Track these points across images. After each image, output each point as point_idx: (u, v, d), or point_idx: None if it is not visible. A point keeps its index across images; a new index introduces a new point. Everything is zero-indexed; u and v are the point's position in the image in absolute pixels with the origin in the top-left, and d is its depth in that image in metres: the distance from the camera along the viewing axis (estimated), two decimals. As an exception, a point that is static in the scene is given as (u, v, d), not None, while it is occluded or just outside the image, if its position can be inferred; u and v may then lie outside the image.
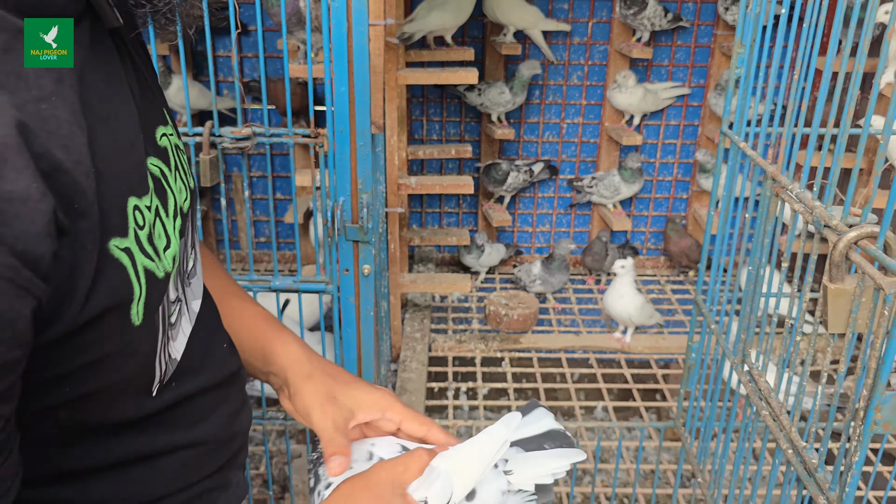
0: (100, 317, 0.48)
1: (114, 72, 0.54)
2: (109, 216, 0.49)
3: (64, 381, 0.50)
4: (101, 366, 0.51)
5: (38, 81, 0.45)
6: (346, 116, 1.26)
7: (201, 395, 0.65)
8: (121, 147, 0.52)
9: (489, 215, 2.74)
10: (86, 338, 0.48)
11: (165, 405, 0.61)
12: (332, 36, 1.21)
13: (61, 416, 0.53)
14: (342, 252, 1.36)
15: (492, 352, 2.33)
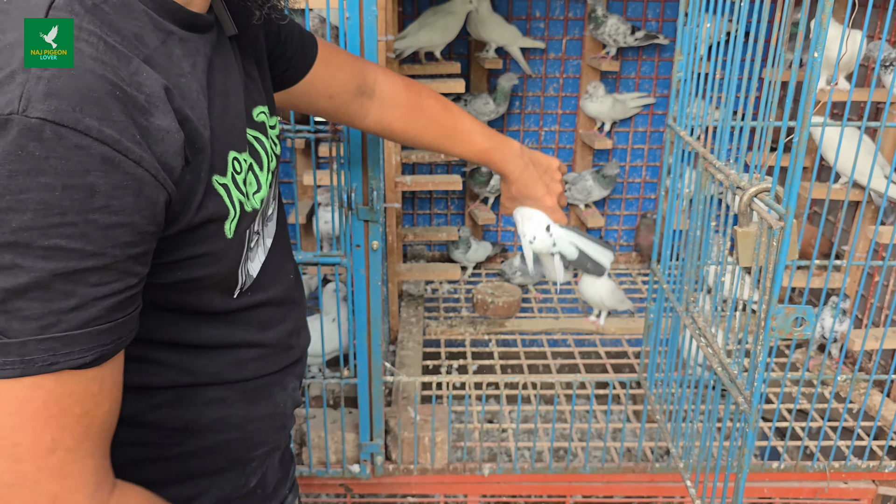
0: (204, 224, 0.69)
1: (230, 65, 0.78)
2: (215, 160, 0.70)
3: (177, 265, 0.69)
4: (203, 260, 0.70)
5: (179, 64, 0.67)
6: (358, 115, 1.52)
7: (269, 306, 0.86)
8: (229, 116, 0.74)
9: (475, 215, 3.01)
10: (194, 237, 0.68)
11: (243, 307, 0.81)
12: (347, 48, 1.47)
13: (172, 295, 0.72)
14: (354, 230, 1.62)
15: (480, 335, 2.59)
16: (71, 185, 0.54)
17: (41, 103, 0.53)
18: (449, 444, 1.88)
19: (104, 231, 0.56)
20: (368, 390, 1.76)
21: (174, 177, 0.62)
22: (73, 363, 0.57)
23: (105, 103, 0.56)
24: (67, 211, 0.54)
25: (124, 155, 0.57)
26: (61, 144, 0.54)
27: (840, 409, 2.07)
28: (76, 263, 0.56)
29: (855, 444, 1.93)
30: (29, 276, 0.54)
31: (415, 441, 1.84)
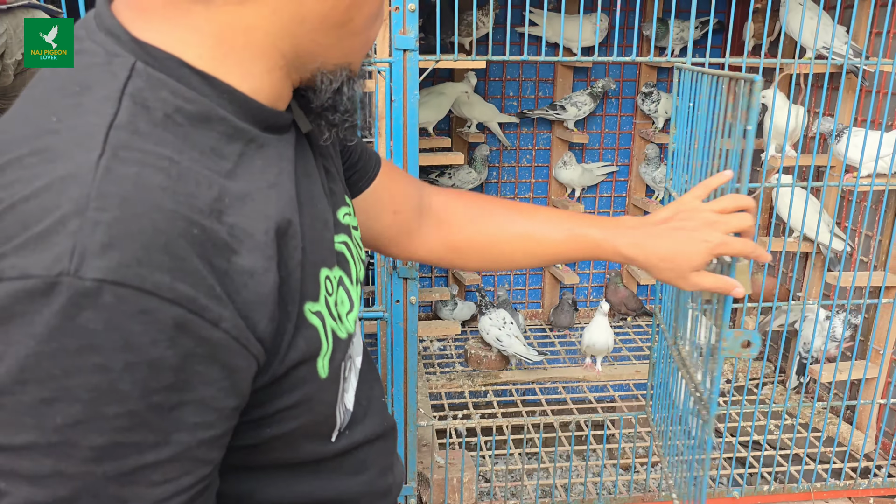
0: (295, 368, 0.55)
1: (310, 164, 0.64)
2: (307, 283, 0.56)
3: (265, 422, 0.55)
4: (296, 410, 0.57)
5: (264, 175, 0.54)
6: (401, 184, 1.73)
7: (367, 444, 0.70)
8: (318, 227, 0.60)
9: (461, 276, 3.21)
10: (283, 386, 0.55)
11: (339, 451, 0.66)
12: (392, 126, 1.69)
13: (257, 456, 0.58)
14: (395, 287, 1.79)
15: (477, 386, 2.76)
16: (132, 364, 0.43)
17: (98, 259, 0.42)
18: (476, 485, 2.02)
19: (169, 414, 0.45)
20: (405, 435, 1.90)
21: (261, 331, 0.50)
22: None
23: (177, 250, 0.45)
24: (127, 397, 0.43)
25: (199, 315, 0.45)
26: (123, 311, 0.42)
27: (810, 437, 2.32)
28: (134, 461, 0.44)
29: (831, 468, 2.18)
30: (72, 487, 0.43)
31: (445, 482, 1.98)
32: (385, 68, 1.67)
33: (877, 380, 2.26)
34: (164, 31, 0.53)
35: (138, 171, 0.46)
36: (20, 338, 0.42)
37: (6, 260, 0.43)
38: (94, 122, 0.47)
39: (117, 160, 0.46)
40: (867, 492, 2.15)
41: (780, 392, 2.63)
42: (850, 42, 2.17)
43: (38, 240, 0.43)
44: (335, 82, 0.60)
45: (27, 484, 0.43)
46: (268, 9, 0.53)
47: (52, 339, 0.42)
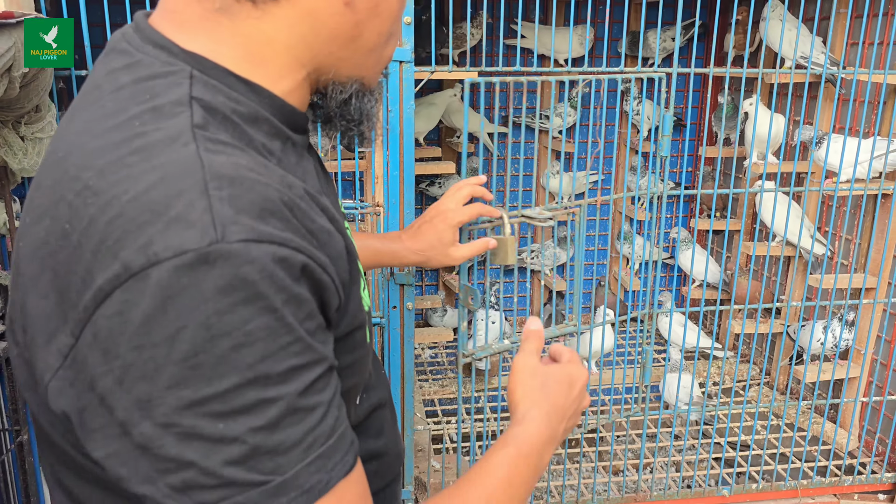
0: (354, 331, 0.65)
1: (318, 162, 0.74)
2: (356, 265, 0.65)
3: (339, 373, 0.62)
4: (351, 370, 0.66)
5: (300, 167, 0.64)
6: (398, 192, 1.77)
7: (380, 409, 0.81)
8: (340, 214, 0.69)
9: (450, 284, 3.25)
10: (346, 345, 0.64)
11: (363, 414, 0.77)
12: (388, 136, 1.73)
13: None
14: (392, 293, 1.83)
15: (469, 392, 2.79)
16: (286, 300, 0.51)
17: (235, 225, 0.50)
18: (472, 487, 2.05)
19: (314, 337, 0.55)
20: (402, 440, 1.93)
21: (343, 281, 0.60)
22: (341, 473, 0.55)
23: (283, 212, 0.53)
24: (291, 328, 0.52)
25: (314, 260, 0.54)
26: (269, 261, 0.50)
27: (796, 436, 2.38)
28: (308, 375, 0.53)
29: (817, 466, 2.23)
30: (278, 407, 0.51)
31: (442, 487, 2.01)
32: (381, 79, 1.71)
33: (858, 379, 2.32)
34: (203, 42, 0.59)
35: (228, 158, 0.54)
36: (196, 303, 0.49)
37: (154, 245, 0.49)
38: (177, 123, 0.54)
39: (209, 151, 0.53)
40: (852, 488, 2.21)
41: (765, 393, 2.69)
42: (827, 53, 2.25)
43: (177, 221, 0.49)
44: (345, 93, 0.67)
45: (248, 416, 0.51)
46: (285, 23, 0.60)
47: (225, 295, 0.49)
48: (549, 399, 0.79)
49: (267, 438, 0.51)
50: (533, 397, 0.78)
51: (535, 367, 0.81)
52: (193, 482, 0.50)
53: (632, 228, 3.36)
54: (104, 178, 0.52)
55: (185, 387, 0.49)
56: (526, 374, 0.80)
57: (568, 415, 0.80)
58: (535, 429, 0.76)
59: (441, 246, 1.30)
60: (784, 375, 2.66)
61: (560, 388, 0.80)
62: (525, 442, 0.74)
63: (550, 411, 0.78)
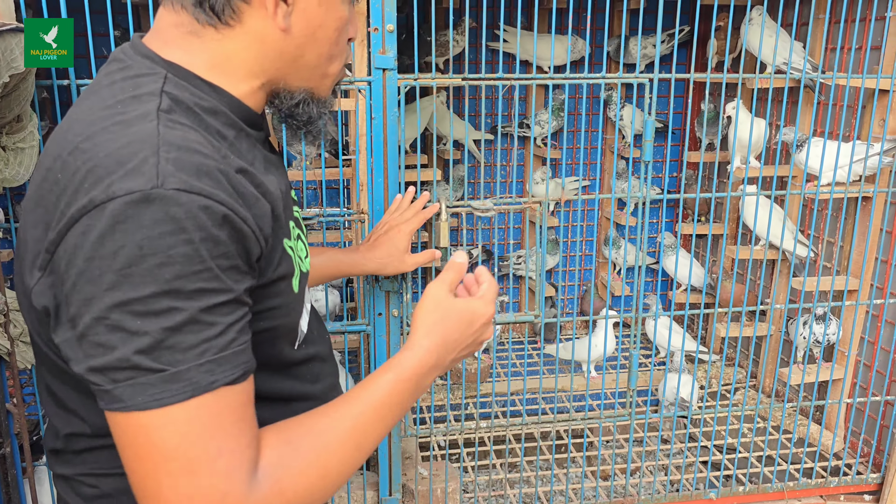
0: (280, 279, 0.81)
1: (274, 155, 0.93)
2: (283, 227, 0.84)
3: (260, 316, 0.79)
4: (279, 311, 0.83)
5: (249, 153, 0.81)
6: (382, 198, 1.77)
7: (318, 360, 0.97)
8: (285, 195, 0.88)
9: (438, 291, 3.25)
10: (273, 290, 0.80)
11: (301, 359, 0.92)
12: (372, 143, 1.73)
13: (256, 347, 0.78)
14: (377, 300, 1.83)
15: (458, 399, 2.79)
16: (204, 238, 0.67)
17: (173, 177, 0.67)
18: (460, 494, 2.05)
19: (226, 272, 0.70)
20: (388, 448, 1.93)
21: (266, 235, 0.76)
22: (227, 379, 0.69)
23: (216, 175, 0.70)
24: (204, 259, 0.67)
25: (235, 213, 0.70)
26: (194, 206, 0.67)
27: (782, 438, 2.39)
28: (214, 299, 0.68)
29: (803, 468, 2.25)
30: (183, 315, 0.67)
31: (430, 494, 2.01)
32: (365, 87, 1.72)
33: (843, 381, 2.34)
34: (179, 55, 0.80)
35: (183, 133, 0.72)
36: (135, 229, 0.66)
37: (113, 186, 0.67)
38: (148, 107, 0.73)
39: (167, 127, 0.72)
40: (838, 489, 2.22)
41: (752, 396, 2.70)
42: (806, 57, 2.28)
43: (133, 171, 0.67)
44: (294, 99, 0.87)
45: (159, 318, 0.66)
46: (241, 45, 0.81)
47: (157, 226, 0.66)
48: (444, 332, 0.88)
49: (170, 337, 0.66)
50: (429, 327, 0.88)
51: (442, 299, 0.90)
52: (111, 364, 0.67)
53: (618, 233, 3.38)
54: (90, 141, 0.70)
55: (118, 290, 0.66)
56: (431, 303, 0.90)
57: (460, 347, 0.90)
58: (419, 357, 0.86)
59: (397, 253, 1.50)
60: (770, 378, 2.68)
61: (458, 324, 0.89)
62: (407, 368, 0.85)
63: (440, 343, 0.88)
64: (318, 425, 0.79)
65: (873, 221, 2.23)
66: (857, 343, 2.33)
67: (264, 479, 0.72)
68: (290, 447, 0.76)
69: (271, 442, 0.75)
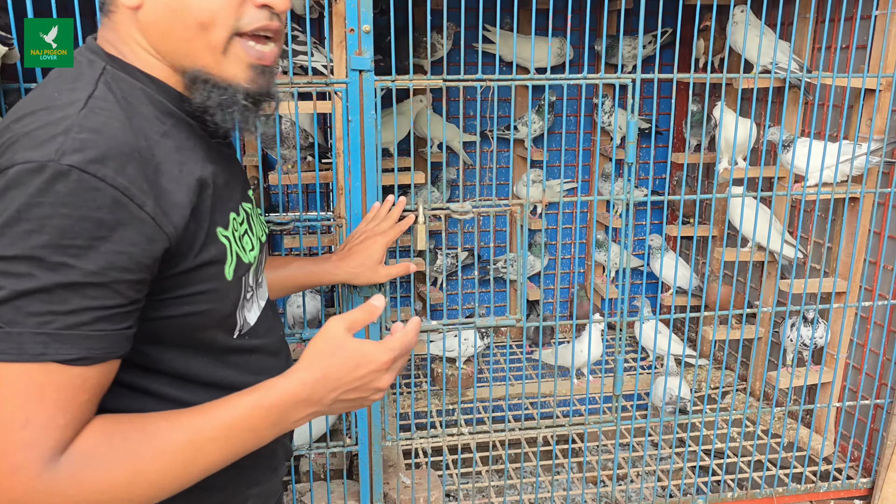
0: (207, 265, 0.83)
1: (228, 152, 0.98)
2: (218, 216, 0.86)
3: (185, 299, 0.82)
4: (208, 296, 0.84)
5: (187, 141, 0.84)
6: (360, 203, 1.73)
7: (263, 353, 0.98)
8: (230, 186, 0.92)
9: (424, 294, 3.22)
10: (199, 275, 0.82)
11: (242, 348, 0.93)
12: (349, 146, 1.70)
13: (183, 330, 0.83)
14: (356, 304, 1.79)
15: (444, 405, 2.75)
16: (83, 217, 0.70)
17: (71, 155, 0.70)
18: (443, 503, 2.01)
19: (105, 256, 0.71)
20: (369, 456, 1.89)
21: (175, 224, 0.77)
22: (58, 357, 0.70)
23: (122, 160, 0.73)
24: (78, 236, 0.70)
25: (132, 200, 0.73)
26: (82, 186, 0.70)
27: (772, 443, 2.36)
28: (76, 278, 0.70)
29: (792, 472, 2.21)
30: (37, 282, 0.69)
31: (412, 503, 1.97)
32: (342, 89, 1.68)
33: (831, 384, 2.31)
34: (117, 50, 0.86)
35: (105, 120, 0.76)
36: (21, 195, 0.70)
37: (17, 155, 0.71)
38: (79, 95, 0.77)
39: (93, 112, 0.76)
40: (828, 494, 2.19)
41: (740, 400, 2.67)
42: (791, 56, 2.25)
43: (38, 146, 0.71)
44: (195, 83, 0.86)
45: (13, 279, 0.69)
46: (127, 32, 0.86)
47: (40, 195, 0.69)
48: (326, 368, 0.83)
49: (17, 299, 0.69)
50: (312, 359, 0.84)
51: (336, 335, 0.85)
52: None
53: (607, 236, 3.35)
54: (19, 123, 0.75)
55: None
56: (323, 336, 0.85)
57: (343, 389, 0.84)
58: (290, 387, 0.82)
59: (371, 263, 1.48)
60: (760, 381, 2.65)
61: (344, 364, 0.84)
62: (272, 395, 0.81)
63: (319, 378, 0.83)
64: (151, 426, 0.77)
65: (861, 222, 2.20)
66: (846, 345, 2.30)
67: (66, 465, 0.71)
68: (107, 440, 0.74)
69: (93, 430, 0.74)
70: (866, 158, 2.03)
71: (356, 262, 1.49)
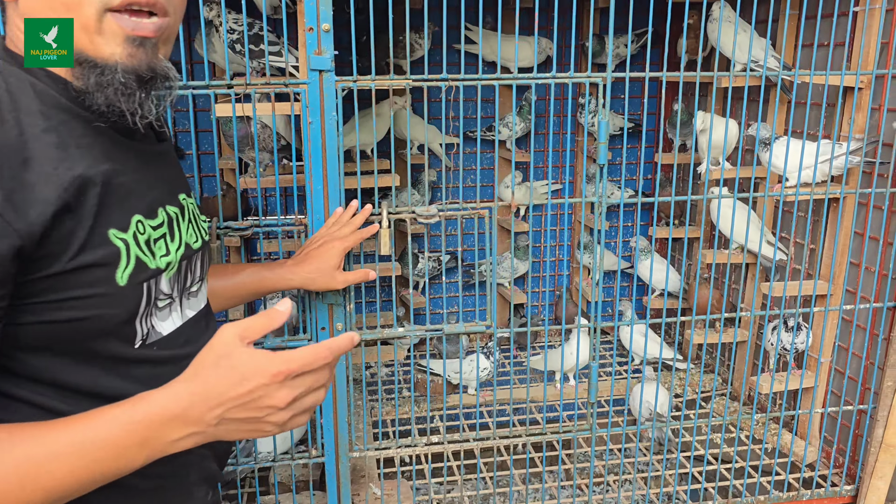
0: (89, 267, 0.77)
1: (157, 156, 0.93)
2: (111, 216, 0.80)
3: (67, 304, 0.77)
4: (94, 301, 0.78)
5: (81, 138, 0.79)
6: (321, 207, 1.69)
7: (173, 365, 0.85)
8: (140, 191, 0.86)
9: (407, 299, 3.17)
10: (81, 278, 0.77)
11: (146, 359, 0.86)
12: (310, 149, 1.65)
13: (71, 336, 0.78)
14: (320, 314, 1.75)
15: (423, 412, 2.70)
16: None
17: None
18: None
19: None
20: (336, 468, 1.85)
21: (30, 221, 0.72)
22: None
23: None
24: None
25: None
26: None
27: (755, 448, 2.31)
28: None
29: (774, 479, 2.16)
30: None
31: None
32: (302, 90, 1.63)
33: (813, 389, 2.26)
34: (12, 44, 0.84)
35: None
36: None
37: None
38: None
39: None
40: (811, 502, 2.14)
41: (723, 405, 2.62)
42: (768, 53, 2.20)
43: None
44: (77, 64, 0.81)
45: None
46: (14, 24, 0.83)
47: None
48: (208, 380, 0.74)
49: None
50: (196, 370, 0.75)
51: (225, 343, 0.75)
52: None
53: (592, 238, 3.30)
54: None
55: None
56: (211, 346, 0.76)
57: (227, 405, 0.74)
58: (162, 402, 0.73)
59: (327, 269, 1.47)
60: (741, 383, 2.60)
61: (228, 375, 0.74)
62: (142, 410, 0.73)
63: (199, 392, 0.74)
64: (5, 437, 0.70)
65: (843, 223, 2.15)
66: (829, 349, 2.25)
67: None
68: None
69: None
70: (846, 158, 1.98)
71: (312, 266, 1.47)
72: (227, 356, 0.74)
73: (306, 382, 0.75)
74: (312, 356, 0.75)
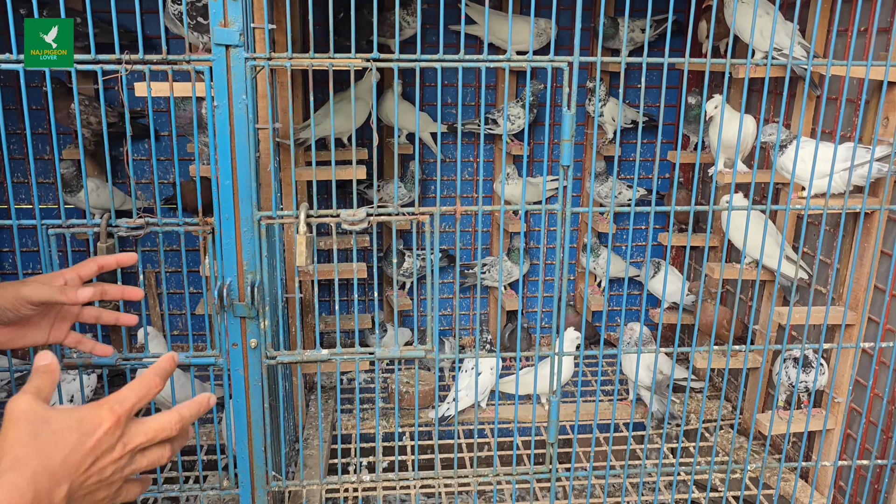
0: None
1: None
2: None
3: None
4: None
5: None
6: (230, 206, 1.45)
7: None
8: None
9: (392, 300, 2.92)
10: None
11: None
12: (216, 137, 1.41)
13: None
14: (231, 328, 1.51)
15: (392, 427, 2.46)
16: None
17: None
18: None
19: None
20: (252, 502, 1.62)
21: None
22: None
23: None
24: None
25: None
26: None
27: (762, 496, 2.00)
28: None
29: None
30: None
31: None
32: (205, 67, 1.39)
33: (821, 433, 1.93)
34: None
35: None
36: None
37: None
38: None
39: None
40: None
41: (727, 439, 2.31)
42: (794, 41, 1.87)
43: None
44: None
45: None
46: None
47: None
48: (41, 456, 0.63)
49: None
50: (17, 454, 0.63)
51: (27, 412, 0.65)
52: None
53: (599, 242, 3.00)
54: None
55: None
56: (12, 422, 0.64)
57: (83, 469, 0.65)
58: (6, 498, 0.61)
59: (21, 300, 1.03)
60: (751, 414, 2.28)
61: (64, 439, 0.64)
62: None
63: (39, 472, 0.62)
64: None
65: (868, 241, 1.81)
66: (845, 387, 1.92)
67: None
68: None
69: None
70: (869, 167, 1.64)
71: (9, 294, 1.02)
72: (43, 421, 0.64)
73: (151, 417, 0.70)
74: (144, 388, 0.70)
